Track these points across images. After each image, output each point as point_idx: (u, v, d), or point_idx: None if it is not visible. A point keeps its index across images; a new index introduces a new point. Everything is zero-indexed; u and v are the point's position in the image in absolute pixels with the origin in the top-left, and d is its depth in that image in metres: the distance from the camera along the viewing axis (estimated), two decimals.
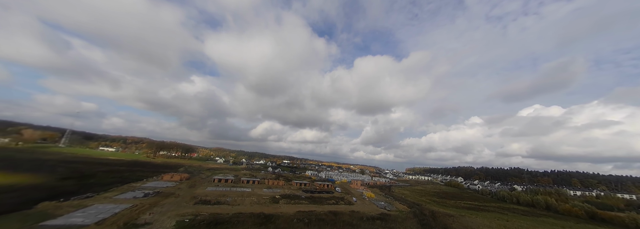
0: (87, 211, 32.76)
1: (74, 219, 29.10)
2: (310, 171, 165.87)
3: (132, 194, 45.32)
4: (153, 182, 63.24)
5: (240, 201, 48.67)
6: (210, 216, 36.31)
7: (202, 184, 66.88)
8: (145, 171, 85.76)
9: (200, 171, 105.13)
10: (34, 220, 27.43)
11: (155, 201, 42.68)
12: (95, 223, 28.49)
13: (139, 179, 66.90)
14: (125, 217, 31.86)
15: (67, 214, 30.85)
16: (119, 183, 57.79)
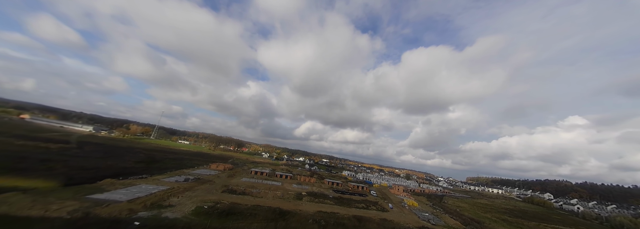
0: (131, 189, 35.68)
1: (115, 195, 31.62)
2: (347, 172, 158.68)
3: (177, 178, 48.72)
4: (201, 169, 68.23)
5: (264, 193, 47.16)
6: (229, 205, 35.29)
7: (240, 175, 68.98)
8: (201, 160, 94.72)
9: (245, 164, 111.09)
10: (85, 192, 30.81)
11: (191, 186, 44.66)
12: (128, 200, 30.27)
13: (192, 166, 73.43)
14: (156, 198, 33.29)
15: (114, 190, 34.00)
16: (175, 169, 64.03)
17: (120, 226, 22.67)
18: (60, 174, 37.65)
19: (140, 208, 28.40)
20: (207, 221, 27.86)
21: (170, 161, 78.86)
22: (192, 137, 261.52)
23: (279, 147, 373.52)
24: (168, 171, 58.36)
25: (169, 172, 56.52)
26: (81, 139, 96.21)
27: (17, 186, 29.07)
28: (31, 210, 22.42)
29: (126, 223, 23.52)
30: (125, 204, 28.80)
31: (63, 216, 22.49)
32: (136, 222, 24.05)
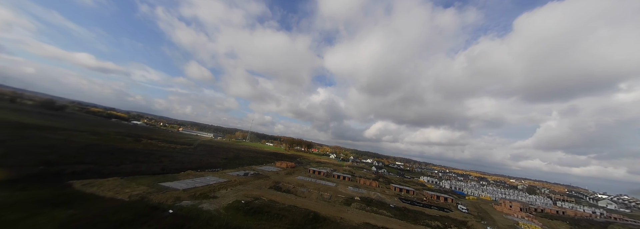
0: (195, 180, 38.95)
1: (180, 184, 34.74)
2: (427, 177, 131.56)
3: (239, 172, 51.50)
4: (267, 166, 71.45)
5: (309, 194, 42.53)
6: (266, 202, 32.47)
7: (298, 173, 67.55)
8: (272, 159, 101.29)
9: (309, 163, 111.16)
10: (161, 180, 35.20)
11: (247, 180, 45.57)
12: (183, 189, 32.34)
13: (261, 163, 78.50)
14: (208, 189, 34.53)
15: (183, 180, 37.83)
16: (247, 165, 69.65)
17: (156, 212, 23.27)
18: (161, 166, 46.05)
19: (187, 197, 29.46)
20: (234, 217, 25.65)
21: (248, 158, 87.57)
22: (275, 140, 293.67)
23: (348, 149, 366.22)
24: (240, 166, 63.61)
25: (240, 167, 61.31)
26: (200, 143, 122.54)
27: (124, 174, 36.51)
28: (109, 192, 26.31)
29: (162, 210, 24.11)
30: (179, 192, 30.72)
31: (124, 198, 25.22)
32: (170, 210, 24.33)
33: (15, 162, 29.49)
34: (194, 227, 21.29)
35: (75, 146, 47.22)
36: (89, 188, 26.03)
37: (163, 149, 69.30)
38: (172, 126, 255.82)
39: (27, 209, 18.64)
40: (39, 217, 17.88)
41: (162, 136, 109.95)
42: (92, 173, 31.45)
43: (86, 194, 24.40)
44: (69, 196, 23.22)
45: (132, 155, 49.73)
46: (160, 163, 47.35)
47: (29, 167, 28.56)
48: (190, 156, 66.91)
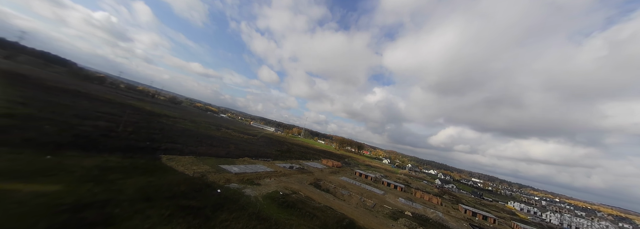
0: (248, 166, 42.40)
1: (234, 168, 38.44)
2: (520, 204, 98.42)
3: (285, 165, 53.42)
4: (313, 162, 71.86)
5: (349, 197, 39.08)
6: (302, 198, 31.61)
7: (343, 174, 64.49)
8: (320, 156, 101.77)
9: (357, 165, 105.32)
10: (221, 163, 39.98)
11: (290, 173, 46.45)
12: (235, 173, 35.44)
13: (309, 159, 79.83)
14: (255, 176, 36.77)
15: (239, 165, 41.83)
16: (295, 158, 72.22)
17: (208, 190, 25.91)
18: (227, 151, 53.05)
19: (236, 180, 31.98)
20: (268, 206, 25.78)
21: (298, 152, 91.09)
22: (327, 139, 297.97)
23: (406, 156, 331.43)
24: (289, 159, 66.49)
25: (288, 160, 64.01)
26: (263, 135, 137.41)
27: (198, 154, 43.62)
28: (182, 167, 31.41)
29: (213, 188, 26.67)
30: (231, 175, 33.85)
31: (189, 174, 29.46)
32: (219, 190, 26.66)
33: (133, 137, 39.69)
34: (231, 209, 22.29)
35: (176, 130, 60.46)
36: (170, 162, 31.84)
37: (233, 138, 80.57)
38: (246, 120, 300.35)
39: (124, 172, 23.94)
40: (129, 180, 22.57)
41: (236, 127, 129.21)
42: (177, 151, 38.74)
43: (166, 167, 29.85)
44: (155, 166, 28.88)
45: (209, 140, 59.57)
46: (227, 148, 54.56)
47: (140, 142, 37.77)
48: (251, 145, 75.04)
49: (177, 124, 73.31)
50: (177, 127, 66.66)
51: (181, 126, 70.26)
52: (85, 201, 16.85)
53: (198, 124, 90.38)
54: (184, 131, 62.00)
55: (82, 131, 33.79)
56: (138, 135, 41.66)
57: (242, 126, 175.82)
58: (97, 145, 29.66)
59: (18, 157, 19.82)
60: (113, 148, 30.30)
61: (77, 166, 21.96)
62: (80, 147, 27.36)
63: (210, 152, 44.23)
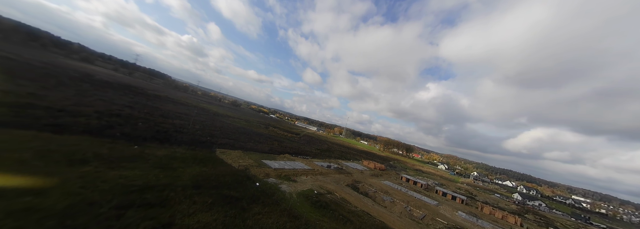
0: (287, 163, 43.31)
1: (274, 163, 39.81)
2: None
3: (323, 163, 52.43)
4: (353, 163, 68.54)
5: (392, 204, 34.70)
6: (338, 199, 29.73)
7: (387, 177, 58.94)
8: (362, 157, 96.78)
9: (405, 169, 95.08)
10: (264, 158, 42.06)
11: (328, 172, 45.06)
12: (275, 168, 36.49)
13: (348, 158, 76.77)
14: (293, 172, 37.04)
15: (279, 161, 43.24)
16: (334, 158, 70.58)
17: (248, 182, 27.18)
18: (270, 147, 56.17)
19: (274, 175, 32.78)
20: (301, 204, 25.07)
21: (338, 152, 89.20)
22: (371, 139, 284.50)
23: (471, 162, 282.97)
24: (328, 158, 65.47)
25: (327, 158, 63.01)
26: (305, 134, 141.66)
27: (245, 149, 47.37)
28: (230, 160, 34.31)
29: (253, 181, 27.83)
30: (271, 170, 35.01)
31: (235, 166, 31.77)
32: (257, 183, 27.63)
33: (198, 133, 46.15)
34: (266, 202, 22.52)
35: (232, 127, 68.11)
36: (222, 155, 35.29)
37: (278, 136, 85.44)
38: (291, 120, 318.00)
39: (185, 162, 27.46)
40: (187, 168, 25.69)
41: (282, 126, 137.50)
42: (229, 145, 42.96)
43: (218, 159, 33.13)
44: (210, 158, 32.41)
45: (257, 137, 64.58)
46: (271, 145, 57.77)
47: (203, 137, 43.55)
48: (293, 142, 77.74)
49: (234, 123, 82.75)
50: (234, 125, 75.11)
51: (237, 125, 78.90)
52: (151, 184, 19.69)
53: (250, 123, 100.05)
54: (238, 129, 69.18)
55: (163, 127, 41.26)
56: (202, 131, 48.38)
57: (288, 125, 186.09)
58: (171, 139, 35.43)
59: (114, 146, 25.06)
60: (181, 141, 35.64)
61: (152, 155, 26.36)
62: (158, 140, 33.14)
63: (256, 148, 47.41)
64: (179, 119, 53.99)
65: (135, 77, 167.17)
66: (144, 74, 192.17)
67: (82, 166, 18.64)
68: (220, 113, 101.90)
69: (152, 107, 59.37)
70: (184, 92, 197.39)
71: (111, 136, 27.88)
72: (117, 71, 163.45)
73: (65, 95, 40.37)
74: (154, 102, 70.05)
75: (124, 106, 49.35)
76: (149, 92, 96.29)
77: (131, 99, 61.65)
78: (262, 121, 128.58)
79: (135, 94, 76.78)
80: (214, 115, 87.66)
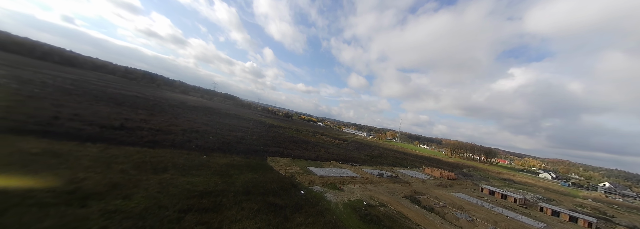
0: (333, 170, 41.08)
1: (320, 171, 38.34)
2: None
3: (375, 171, 47.23)
4: (410, 171, 59.28)
5: (470, 225, 26.67)
6: (392, 213, 25.07)
7: (459, 189, 47.68)
8: (421, 163, 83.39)
9: (486, 178, 75.37)
10: (310, 165, 41.24)
11: (379, 181, 39.89)
12: (320, 176, 34.88)
13: (404, 165, 67.19)
14: (339, 180, 34.46)
15: (325, 168, 41.57)
16: (387, 164, 63.22)
17: (293, 190, 26.50)
18: (317, 154, 55.62)
19: (319, 183, 31.14)
20: (348, 217, 22.20)
21: (391, 158, 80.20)
22: (434, 143, 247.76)
23: (599, 168, 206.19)
24: (379, 165, 59.23)
25: (378, 166, 56.99)
26: (354, 140, 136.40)
27: (293, 156, 48.20)
28: (279, 167, 35.11)
29: (298, 189, 26.98)
30: (316, 177, 33.64)
31: (282, 173, 32.07)
32: (302, 191, 26.57)
33: (255, 143, 50.45)
34: (309, 212, 20.96)
35: (283, 137, 72.23)
36: (271, 162, 36.73)
37: (325, 143, 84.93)
38: (339, 126, 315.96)
39: (240, 169, 29.55)
40: (241, 175, 27.43)
41: (329, 133, 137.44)
42: (278, 153, 44.79)
43: (268, 166, 34.52)
44: (261, 165, 34.13)
45: (305, 144, 65.75)
46: (318, 152, 57.27)
47: (257, 146, 47.22)
48: (340, 149, 75.15)
49: (285, 132, 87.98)
50: (284, 134, 79.69)
51: (287, 134, 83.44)
52: (209, 189, 21.53)
53: (300, 131, 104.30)
54: (288, 138, 72.68)
55: (227, 139, 47.18)
56: (258, 141, 52.83)
57: (335, 132, 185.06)
58: (232, 148, 39.70)
59: (189, 157, 29.49)
60: (240, 151, 39.37)
61: (215, 163, 29.64)
62: (222, 150, 37.59)
63: (303, 155, 47.67)
64: (241, 132, 61.12)
65: (214, 101, 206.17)
66: (220, 98, 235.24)
67: (162, 174, 22.24)
68: (274, 124, 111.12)
69: (222, 123, 70.04)
70: (248, 109, 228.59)
71: (188, 148, 33.26)
72: (202, 97, 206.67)
73: (163, 118, 52.29)
74: (224, 119, 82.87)
75: (202, 123, 59.90)
76: (222, 111, 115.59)
77: (208, 118, 74.81)
78: (310, 129, 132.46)
79: (212, 114, 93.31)
80: (269, 126, 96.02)
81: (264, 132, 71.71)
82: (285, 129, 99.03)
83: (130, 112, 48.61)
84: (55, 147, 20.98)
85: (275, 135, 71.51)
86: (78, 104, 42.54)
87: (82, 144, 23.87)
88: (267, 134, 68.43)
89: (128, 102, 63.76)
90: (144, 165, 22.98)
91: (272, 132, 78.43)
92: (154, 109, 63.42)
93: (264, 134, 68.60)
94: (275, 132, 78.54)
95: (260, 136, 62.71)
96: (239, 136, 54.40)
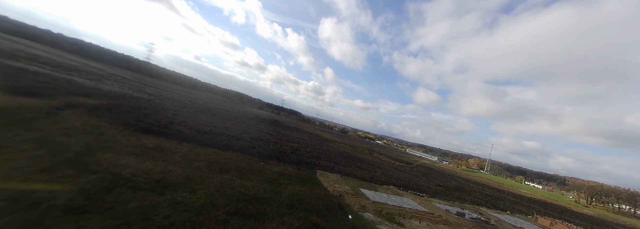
0: (391, 196, 34.17)
1: (374, 195, 32.67)
2: None
3: (452, 208, 36.02)
4: (511, 216, 41.64)
5: None
6: None
7: None
8: (531, 208, 58.31)
9: None
10: (362, 187, 36.31)
11: (459, 223, 29.48)
12: (374, 201, 29.45)
13: (500, 208, 48.34)
14: (397, 211, 27.88)
15: (381, 193, 35.29)
16: (472, 203, 47.64)
17: (339, 212, 23.08)
18: (372, 175, 49.36)
19: (371, 210, 26.09)
20: None
21: (478, 194, 60.95)
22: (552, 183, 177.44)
23: None
24: (459, 200, 45.56)
25: (457, 202, 43.82)
26: (420, 164, 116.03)
27: (344, 173, 44.42)
28: (327, 183, 32.64)
29: (345, 212, 23.31)
30: (368, 202, 28.64)
31: (330, 190, 29.31)
32: (350, 216, 22.68)
33: (307, 155, 50.78)
34: None
35: (336, 151, 70.12)
36: (320, 177, 34.96)
37: (383, 163, 75.73)
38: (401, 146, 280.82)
39: (289, 179, 29.37)
40: (289, 186, 26.99)
41: (388, 153, 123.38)
42: (329, 168, 42.68)
43: (317, 180, 32.89)
44: (310, 178, 32.96)
45: (359, 162, 60.64)
46: (373, 173, 50.95)
47: (309, 158, 47.16)
48: (401, 173, 64.38)
49: (339, 147, 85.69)
50: (338, 149, 77.42)
51: (341, 149, 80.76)
52: (258, 195, 21.82)
53: (355, 148, 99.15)
54: (341, 153, 69.80)
55: (284, 149, 49.96)
56: (310, 153, 53.19)
57: (396, 152, 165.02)
58: (286, 158, 41.20)
59: (249, 162, 32.25)
60: (292, 161, 40.23)
61: (268, 171, 30.90)
62: (278, 158, 39.52)
63: (355, 174, 43.34)
64: (297, 143, 63.98)
65: (281, 115, 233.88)
66: (286, 113, 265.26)
67: (225, 174, 24.70)
68: (329, 139, 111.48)
69: (283, 135, 76.38)
70: (307, 123, 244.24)
71: (251, 154, 36.83)
72: (273, 112, 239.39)
73: (240, 128, 62.07)
74: (285, 131, 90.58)
75: (267, 133, 67.19)
76: (285, 124, 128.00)
77: (273, 129, 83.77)
78: (366, 147, 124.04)
79: (277, 126, 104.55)
80: (323, 140, 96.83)
81: (318, 146, 72.21)
82: (339, 144, 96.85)
83: (219, 122, 60.69)
84: (163, 144, 27.58)
85: (328, 149, 70.55)
86: (188, 114, 57.24)
87: (179, 143, 30.55)
88: (320, 148, 68.45)
89: (220, 114, 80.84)
90: (214, 165, 26.47)
91: (325, 146, 78.14)
92: (235, 120, 77.33)
93: (318, 147, 68.95)
94: (328, 147, 77.77)
95: (314, 148, 63.24)
96: (294, 147, 56.69)
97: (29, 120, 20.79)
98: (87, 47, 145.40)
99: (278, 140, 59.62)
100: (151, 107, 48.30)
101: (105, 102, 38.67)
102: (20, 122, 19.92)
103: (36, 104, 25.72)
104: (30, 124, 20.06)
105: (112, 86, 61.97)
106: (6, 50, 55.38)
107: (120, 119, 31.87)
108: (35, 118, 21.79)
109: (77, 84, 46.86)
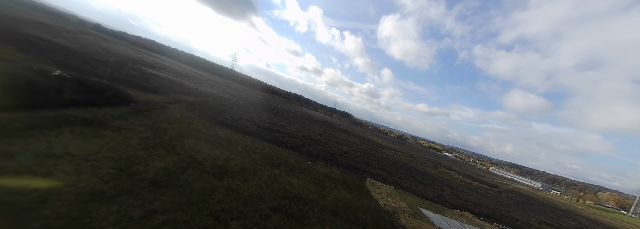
0: (465, 225, 26.19)
1: (442, 220, 25.92)
2: None
3: None
4: None
5: None
6: None
7: None
8: None
9: None
10: (426, 206, 29.73)
11: None
12: (439, 228, 23.22)
13: None
14: None
15: (451, 219, 27.77)
16: None
17: None
18: (437, 194, 40.52)
19: None
20: None
21: None
22: None
23: None
24: None
25: None
26: (511, 189, 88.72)
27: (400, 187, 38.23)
28: (377, 194, 28.62)
29: None
30: (432, 227, 22.83)
31: (382, 204, 25.34)
32: None
33: (357, 160, 47.57)
34: None
35: (390, 160, 62.93)
36: (371, 186, 31.36)
37: (454, 181, 61.91)
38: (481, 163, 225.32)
39: (335, 183, 27.65)
40: (334, 190, 25.28)
41: (462, 170, 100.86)
42: (381, 178, 38.05)
43: (365, 189, 29.63)
44: (358, 186, 30.10)
45: (420, 176, 51.74)
46: (439, 191, 41.94)
47: (359, 163, 43.91)
48: (482, 197, 50.24)
49: (395, 155, 76.87)
50: (393, 158, 69.40)
51: (397, 158, 72.10)
52: (302, 195, 21.22)
53: (414, 158, 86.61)
54: (397, 162, 61.99)
55: (332, 150, 48.86)
56: (360, 158, 49.70)
57: (474, 169, 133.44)
58: (333, 160, 39.82)
59: (298, 159, 32.79)
60: (340, 164, 38.40)
61: (315, 171, 30.31)
62: (325, 159, 38.70)
63: (415, 189, 36.69)
64: (347, 146, 61.63)
65: (334, 117, 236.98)
66: (339, 115, 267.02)
67: (275, 168, 25.70)
68: (383, 145, 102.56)
69: (333, 136, 75.86)
70: (360, 126, 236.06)
71: (300, 152, 37.64)
72: (325, 114, 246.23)
73: (294, 126, 65.84)
74: (336, 133, 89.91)
75: (318, 133, 68.31)
76: (337, 126, 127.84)
77: (324, 130, 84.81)
78: (430, 159, 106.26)
79: (328, 127, 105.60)
80: (376, 146, 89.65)
81: (370, 151, 67.09)
82: (395, 152, 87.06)
83: (277, 120, 66.61)
84: (231, 135, 31.81)
85: (381, 156, 64.32)
86: (254, 112, 65.66)
87: (244, 136, 34.58)
88: (372, 154, 63.26)
89: (279, 113, 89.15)
90: (268, 158, 28.18)
91: (378, 152, 71.79)
92: (291, 119, 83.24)
93: (369, 152, 64.02)
94: (382, 153, 71.05)
95: (365, 153, 58.98)
96: (344, 149, 54.57)
97: (148, 110, 28.55)
98: (197, 60, 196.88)
99: (327, 140, 59.21)
100: (229, 105, 58.29)
101: (199, 100, 49.45)
102: (143, 112, 27.58)
103: (157, 99, 35.39)
104: (149, 113, 27.44)
105: (207, 87, 79.53)
106: (148, 62, 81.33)
107: (205, 112, 39.53)
108: (153, 109, 29.76)
109: (185, 86, 62.66)
